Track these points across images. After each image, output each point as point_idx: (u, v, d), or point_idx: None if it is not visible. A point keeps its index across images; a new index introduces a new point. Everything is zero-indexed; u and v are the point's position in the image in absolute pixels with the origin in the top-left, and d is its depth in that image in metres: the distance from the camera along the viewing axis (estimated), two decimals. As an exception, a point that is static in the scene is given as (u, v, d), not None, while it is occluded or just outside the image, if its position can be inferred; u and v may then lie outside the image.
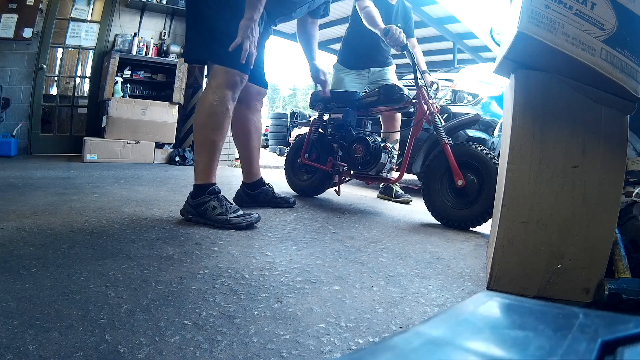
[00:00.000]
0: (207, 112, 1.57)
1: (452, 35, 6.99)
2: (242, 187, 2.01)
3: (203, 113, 1.58)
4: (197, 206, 1.55)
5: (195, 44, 1.63)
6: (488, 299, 0.35)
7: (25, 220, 1.42)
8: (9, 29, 3.83)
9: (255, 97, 1.93)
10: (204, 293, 0.91)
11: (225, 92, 1.56)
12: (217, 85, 1.56)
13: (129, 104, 4.06)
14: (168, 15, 4.72)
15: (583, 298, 0.98)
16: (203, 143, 1.59)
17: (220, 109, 1.56)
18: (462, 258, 1.38)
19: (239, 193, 2.01)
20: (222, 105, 1.56)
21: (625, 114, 0.98)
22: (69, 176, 2.66)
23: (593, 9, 0.91)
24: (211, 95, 1.56)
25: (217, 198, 1.57)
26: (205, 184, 1.57)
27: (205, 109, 1.57)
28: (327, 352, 0.69)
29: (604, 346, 0.24)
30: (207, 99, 1.57)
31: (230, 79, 1.56)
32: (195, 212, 1.55)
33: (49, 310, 0.76)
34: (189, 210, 1.57)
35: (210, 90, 1.57)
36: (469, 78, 3.35)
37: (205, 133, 1.58)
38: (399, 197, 2.67)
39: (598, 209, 0.98)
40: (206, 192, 1.56)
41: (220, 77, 1.56)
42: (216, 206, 1.54)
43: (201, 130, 1.59)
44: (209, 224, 1.53)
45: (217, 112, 1.56)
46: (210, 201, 1.54)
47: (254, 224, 1.56)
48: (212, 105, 1.55)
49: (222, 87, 1.56)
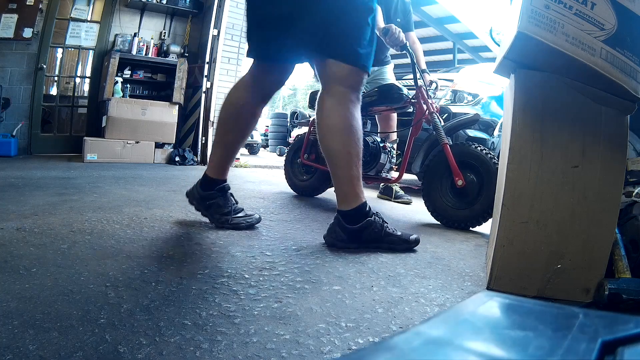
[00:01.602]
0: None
1: (452, 35, 6.99)
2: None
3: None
4: (204, 199, 1.52)
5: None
6: (488, 299, 0.35)
7: (25, 220, 1.42)
8: (9, 29, 3.83)
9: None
10: (204, 293, 0.91)
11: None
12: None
13: (129, 104, 4.06)
14: (168, 15, 4.72)
15: (583, 298, 0.98)
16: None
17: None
18: (462, 258, 1.38)
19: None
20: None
21: (625, 114, 0.98)
22: (69, 176, 2.66)
23: (593, 9, 0.91)
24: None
25: (225, 196, 1.53)
26: (217, 179, 1.53)
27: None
28: (327, 352, 0.69)
29: (604, 346, 0.24)
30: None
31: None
32: (201, 203, 1.53)
33: (49, 310, 0.76)
34: (196, 197, 1.53)
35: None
36: (469, 78, 3.35)
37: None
38: (399, 198, 2.67)
39: (598, 209, 0.98)
40: (215, 188, 1.52)
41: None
42: (221, 205, 1.51)
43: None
44: (210, 219, 1.52)
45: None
46: (217, 199, 1.51)
47: (254, 225, 1.55)
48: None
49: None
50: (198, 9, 4.72)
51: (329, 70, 1.32)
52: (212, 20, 4.40)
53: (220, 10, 4.38)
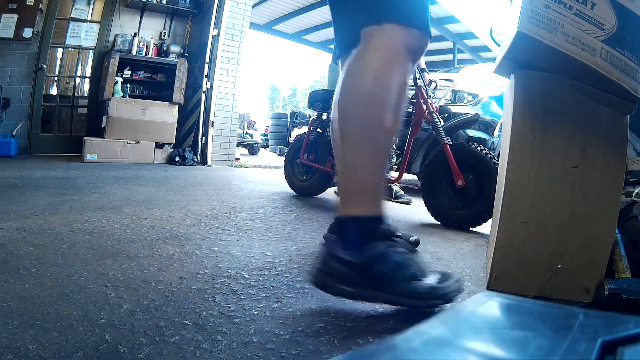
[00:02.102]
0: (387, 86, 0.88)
1: (452, 35, 7.00)
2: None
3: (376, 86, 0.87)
4: (366, 265, 0.80)
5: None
6: (488, 299, 0.35)
7: (25, 220, 1.42)
8: (9, 29, 3.83)
9: None
10: (204, 293, 0.91)
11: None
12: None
13: (129, 104, 4.06)
14: (168, 15, 4.72)
15: (583, 298, 0.98)
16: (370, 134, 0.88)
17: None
18: (462, 258, 1.38)
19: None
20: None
21: (625, 114, 0.98)
22: (69, 176, 2.66)
23: (593, 9, 0.91)
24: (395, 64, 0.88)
25: (393, 241, 0.91)
26: (373, 216, 0.86)
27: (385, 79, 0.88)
28: (326, 352, 0.69)
29: (604, 346, 0.24)
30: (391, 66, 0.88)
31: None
32: (360, 279, 0.80)
33: (49, 310, 0.76)
34: (340, 275, 0.81)
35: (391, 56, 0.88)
36: (469, 78, 3.35)
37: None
38: (399, 198, 2.67)
39: (598, 209, 0.98)
40: (377, 233, 0.85)
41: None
42: (401, 261, 0.83)
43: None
44: (394, 301, 0.83)
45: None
46: (389, 252, 0.83)
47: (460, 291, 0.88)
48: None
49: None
50: (198, 9, 4.72)
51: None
52: (212, 20, 4.40)
53: (220, 10, 4.38)
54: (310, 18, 7.58)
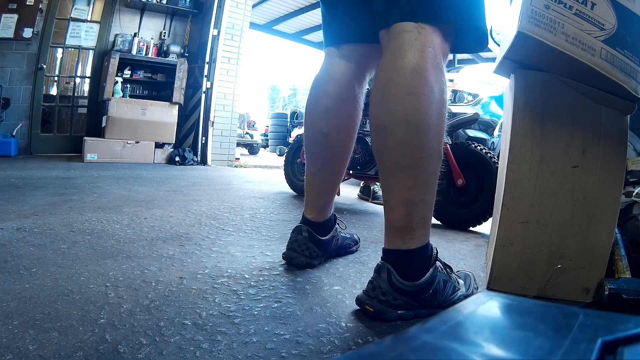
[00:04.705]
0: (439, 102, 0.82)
1: (452, 35, 6.98)
2: (307, 230, 1.15)
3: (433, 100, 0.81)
4: (422, 291, 0.84)
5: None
6: (488, 299, 0.35)
7: (25, 220, 1.42)
8: (9, 29, 3.83)
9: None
10: (204, 293, 0.91)
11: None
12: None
13: (129, 104, 4.06)
14: (168, 15, 4.73)
15: (583, 298, 0.98)
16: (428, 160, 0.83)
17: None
18: (462, 258, 1.38)
19: (297, 239, 1.15)
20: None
21: (625, 114, 0.98)
22: (69, 176, 2.66)
23: (593, 9, 0.91)
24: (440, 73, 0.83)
25: (441, 264, 0.91)
26: (426, 247, 0.86)
27: (436, 94, 0.81)
28: (327, 352, 0.69)
29: (604, 346, 0.24)
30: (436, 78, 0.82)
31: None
32: (415, 303, 0.84)
33: (49, 310, 0.76)
34: (399, 303, 0.83)
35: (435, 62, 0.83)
36: (469, 78, 3.35)
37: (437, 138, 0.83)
38: (377, 199, 2.61)
39: (598, 209, 0.98)
40: (432, 262, 0.86)
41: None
42: (446, 279, 0.88)
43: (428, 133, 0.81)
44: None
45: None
46: (438, 275, 0.86)
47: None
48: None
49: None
50: (198, 9, 4.72)
51: None
52: (212, 20, 4.40)
53: (220, 10, 4.38)
54: (310, 18, 7.57)
